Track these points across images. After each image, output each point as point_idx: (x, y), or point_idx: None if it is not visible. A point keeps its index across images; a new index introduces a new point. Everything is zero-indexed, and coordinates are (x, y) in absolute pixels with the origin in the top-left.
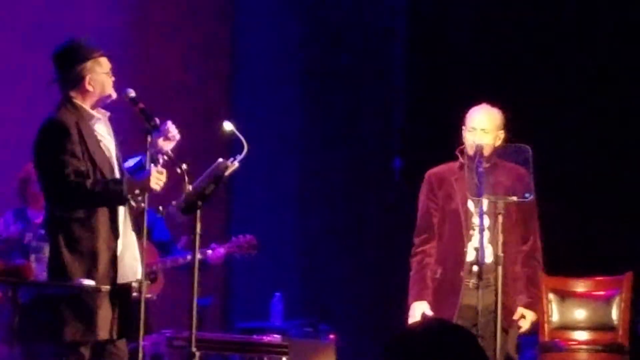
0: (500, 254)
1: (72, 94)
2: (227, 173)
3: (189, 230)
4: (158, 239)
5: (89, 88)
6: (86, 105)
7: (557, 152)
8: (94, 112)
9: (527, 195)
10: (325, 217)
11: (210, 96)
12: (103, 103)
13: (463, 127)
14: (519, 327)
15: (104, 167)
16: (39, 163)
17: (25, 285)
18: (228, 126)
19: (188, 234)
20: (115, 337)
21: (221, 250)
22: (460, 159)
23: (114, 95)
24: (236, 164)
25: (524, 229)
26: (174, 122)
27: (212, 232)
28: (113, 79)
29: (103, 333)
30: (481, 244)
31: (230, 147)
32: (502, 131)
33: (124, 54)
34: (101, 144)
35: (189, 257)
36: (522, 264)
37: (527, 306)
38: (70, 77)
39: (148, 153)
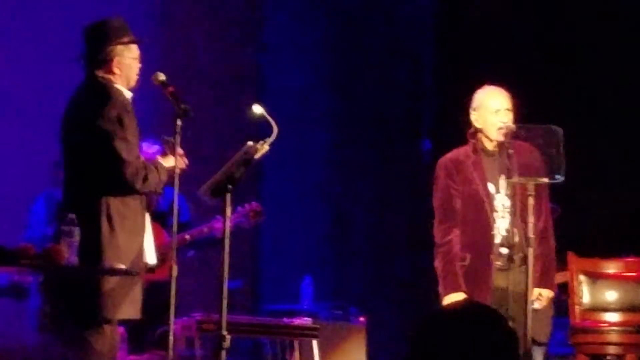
0: (531, 235)
1: (98, 73)
2: (257, 156)
3: (220, 211)
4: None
5: (116, 71)
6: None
7: (586, 133)
8: (129, 93)
9: (558, 176)
10: (355, 200)
11: (240, 75)
12: (127, 87)
13: (473, 111)
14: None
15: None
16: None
17: (57, 269)
18: (257, 109)
19: (221, 215)
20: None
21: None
22: (473, 142)
23: (135, 84)
24: (266, 147)
25: (536, 208)
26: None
27: None
28: (139, 66)
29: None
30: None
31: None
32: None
33: (152, 38)
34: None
35: (187, 236)
36: (537, 242)
37: (542, 284)
38: (99, 57)
39: (177, 137)
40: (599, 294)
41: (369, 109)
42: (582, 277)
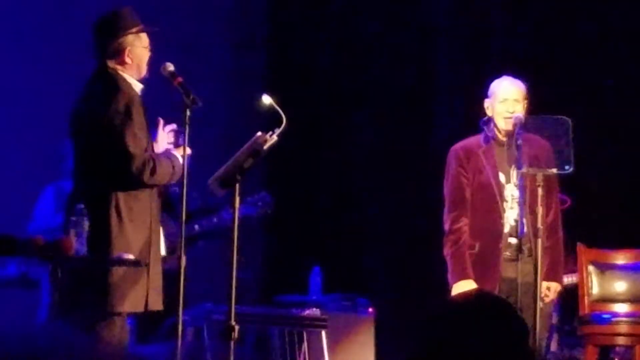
0: (540, 226)
1: (110, 64)
2: (265, 147)
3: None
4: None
5: (128, 60)
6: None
7: (595, 124)
8: (140, 85)
9: (566, 167)
10: (364, 191)
11: (247, 65)
12: (138, 77)
13: (487, 100)
14: (544, 300)
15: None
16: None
17: (65, 260)
18: (266, 99)
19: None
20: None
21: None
22: (486, 131)
23: (145, 73)
24: (275, 138)
25: (546, 200)
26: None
27: None
28: (150, 54)
29: (156, 304)
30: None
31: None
32: (526, 101)
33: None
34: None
35: (196, 227)
36: (546, 236)
37: (550, 278)
38: (111, 48)
39: (187, 128)
40: (608, 285)
41: (379, 100)
42: (591, 268)
